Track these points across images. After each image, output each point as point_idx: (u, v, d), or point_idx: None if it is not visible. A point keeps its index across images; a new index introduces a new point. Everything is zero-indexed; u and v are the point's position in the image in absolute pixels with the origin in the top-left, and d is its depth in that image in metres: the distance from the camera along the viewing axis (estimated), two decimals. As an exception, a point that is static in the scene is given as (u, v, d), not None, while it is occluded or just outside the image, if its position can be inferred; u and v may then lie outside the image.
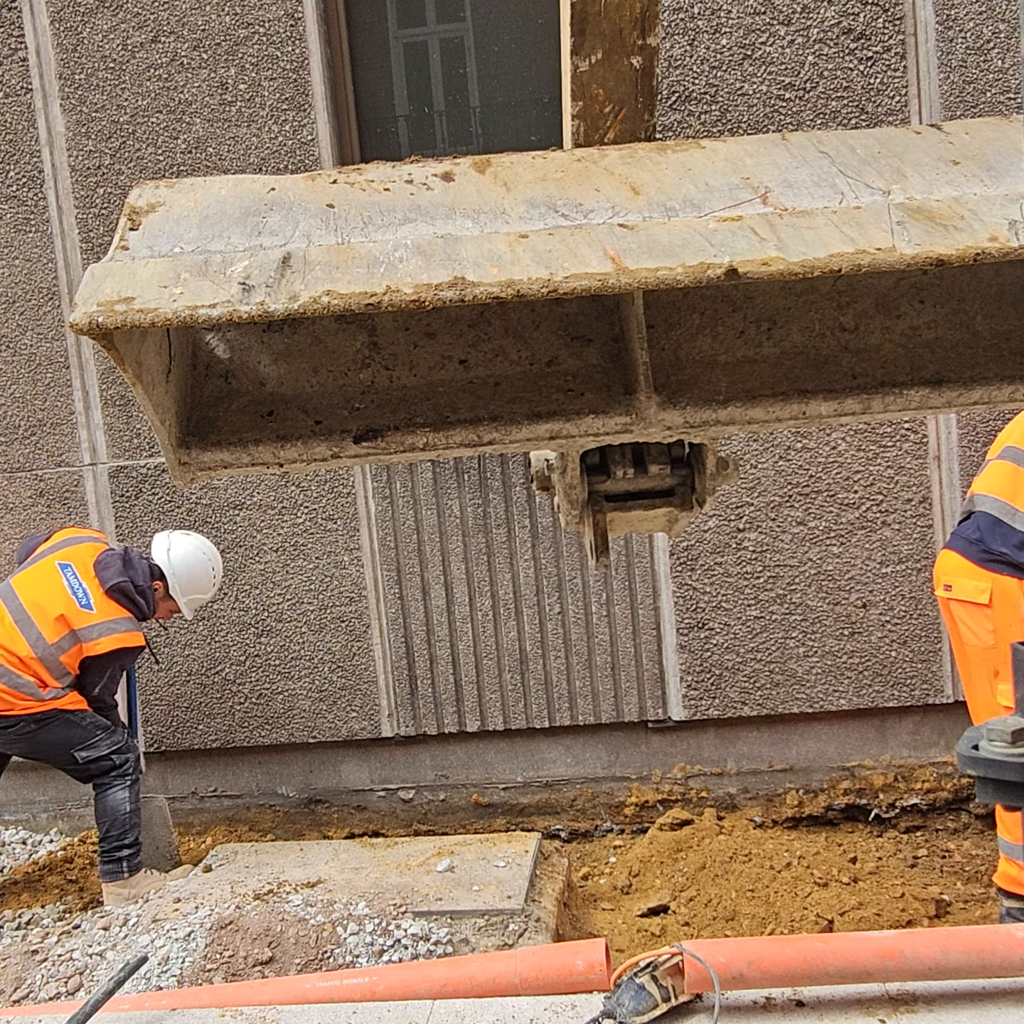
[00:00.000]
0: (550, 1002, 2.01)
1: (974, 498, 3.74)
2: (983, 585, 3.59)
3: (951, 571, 3.73)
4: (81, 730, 4.12)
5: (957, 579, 3.70)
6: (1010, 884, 3.59)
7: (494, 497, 4.66)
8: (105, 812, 4.16)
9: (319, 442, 1.37)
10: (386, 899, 3.57)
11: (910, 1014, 1.87)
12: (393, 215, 1.27)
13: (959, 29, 4.26)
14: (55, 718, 4.09)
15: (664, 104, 4.37)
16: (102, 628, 4.11)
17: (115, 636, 4.12)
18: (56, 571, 4.19)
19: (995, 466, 3.70)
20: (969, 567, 3.64)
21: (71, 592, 4.13)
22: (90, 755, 4.12)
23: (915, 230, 1.17)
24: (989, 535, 3.59)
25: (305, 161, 4.59)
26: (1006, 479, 3.63)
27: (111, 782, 4.16)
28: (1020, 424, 3.68)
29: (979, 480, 3.77)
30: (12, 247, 4.78)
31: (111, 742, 4.16)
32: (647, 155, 1.38)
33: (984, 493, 3.69)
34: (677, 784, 4.71)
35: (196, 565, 4.37)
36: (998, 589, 3.56)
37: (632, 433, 1.40)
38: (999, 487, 3.64)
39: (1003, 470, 3.66)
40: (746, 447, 4.50)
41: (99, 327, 1.10)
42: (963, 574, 3.67)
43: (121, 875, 4.15)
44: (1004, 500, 3.59)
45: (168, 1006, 2.13)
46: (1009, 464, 3.64)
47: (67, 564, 4.20)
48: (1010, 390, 1.39)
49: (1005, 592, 3.54)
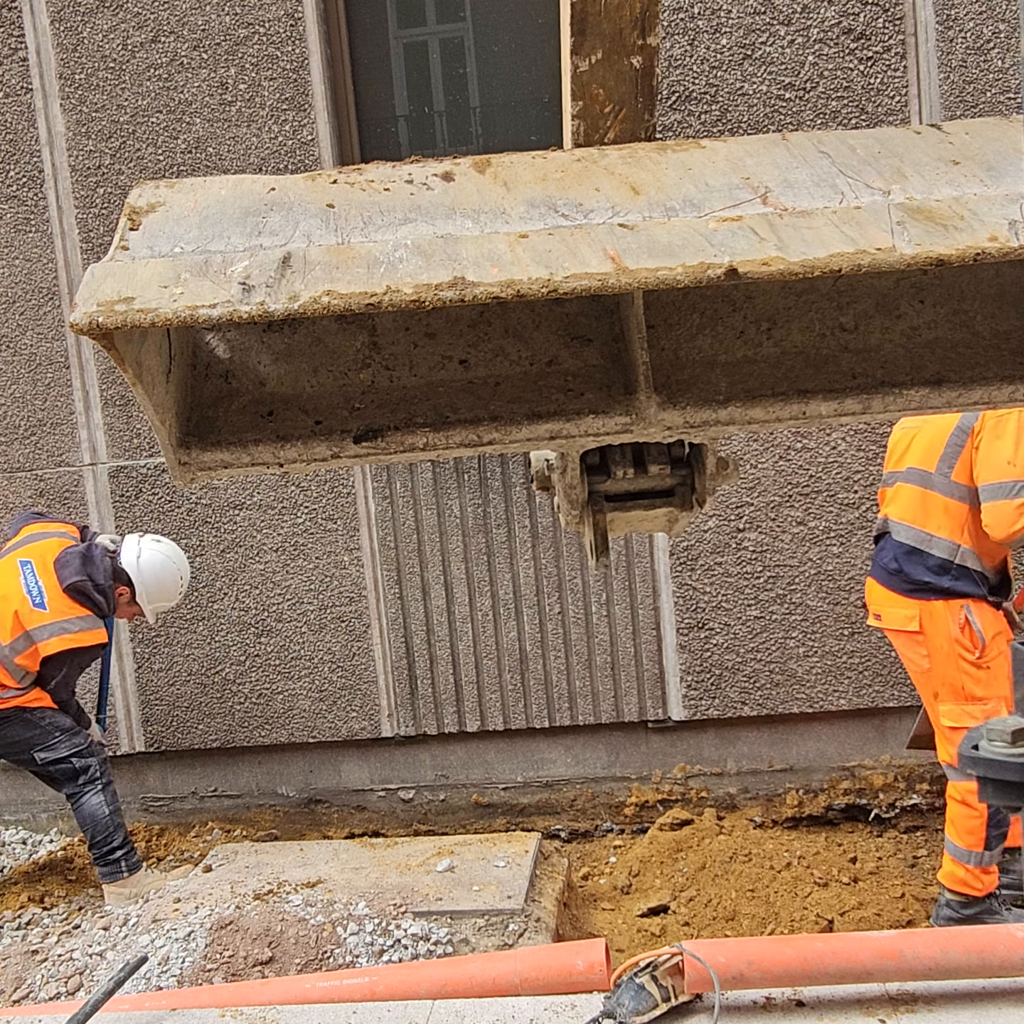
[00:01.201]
0: (550, 1002, 2.01)
1: (888, 523, 3.77)
2: (911, 613, 3.64)
3: (879, 601, 3.78)
4: (40, 731, 4.08)
5: (885, 609, 3.76)
6: (960, 885, 3.64)
7: (494, 497, 4.66)
8: (84, 820, 4.15)
9: (319, 442, 1.37)
10: (386, 899, 3.57)
11: (910, 1014, 1.87)
12: (393, 215, 1.27)
13: (959, 29, 4.26)
14: (14, 716, 4.05)
15: (664, 104, 4.37)
16: (53, 628, 4.03)
17: (66, 636, 4.04)
18: (16, 568, 4.12)
19: (903, 490, 3.71)
20: (894, 597, 3.69)
21: (26, 591, 4.06)
22: (48, 756, 4.09)
23: (915, 230, 1.17)
24: (908, 565, 3.63)
25: (305, 161, 4.59)
26: (916, 504, 3.64)
27: (82, 789, 4.13)
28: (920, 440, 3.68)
29: (891, 504, 3.78)
30: (12, 247, 4.78)
31: (71, 744, 4.12)
32: (647, 155, 1.38)
33: (898, 520, 3.71)
34: (677, 784, 4.71)
35: (165, 574, 4.30)
36: (926, 615, 3.60)
37: (632, 433, 1.39)
38: (911, 514, 3.66)
39: (912, 495, 3.67)
40: (746, 447, 4.51)
41: (99, 327, 1.10)
42: (890, 604, 3.73)
43: (121, 875, 4.16)
44: (917, 528, 3.63)
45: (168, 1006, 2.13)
46: (917, 489, 3.65)
47: (27, 561, 4.13)
48: (1010, 390, 1.39)
49: (932, 616, 3.59)
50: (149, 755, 4.99)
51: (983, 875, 3.60)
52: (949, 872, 3.67)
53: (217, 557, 4.81)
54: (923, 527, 3.62)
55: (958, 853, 3.63)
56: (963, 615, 3.54)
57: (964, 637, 3.54)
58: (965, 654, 3.54)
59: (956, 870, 3.63)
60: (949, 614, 3.56)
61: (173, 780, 5.01)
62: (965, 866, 3.60)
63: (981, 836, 3.57)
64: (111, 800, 4.19)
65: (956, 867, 3.64)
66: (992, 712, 3.54)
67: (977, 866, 3.59)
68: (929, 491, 3.61)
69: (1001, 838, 3.59)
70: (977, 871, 3.59)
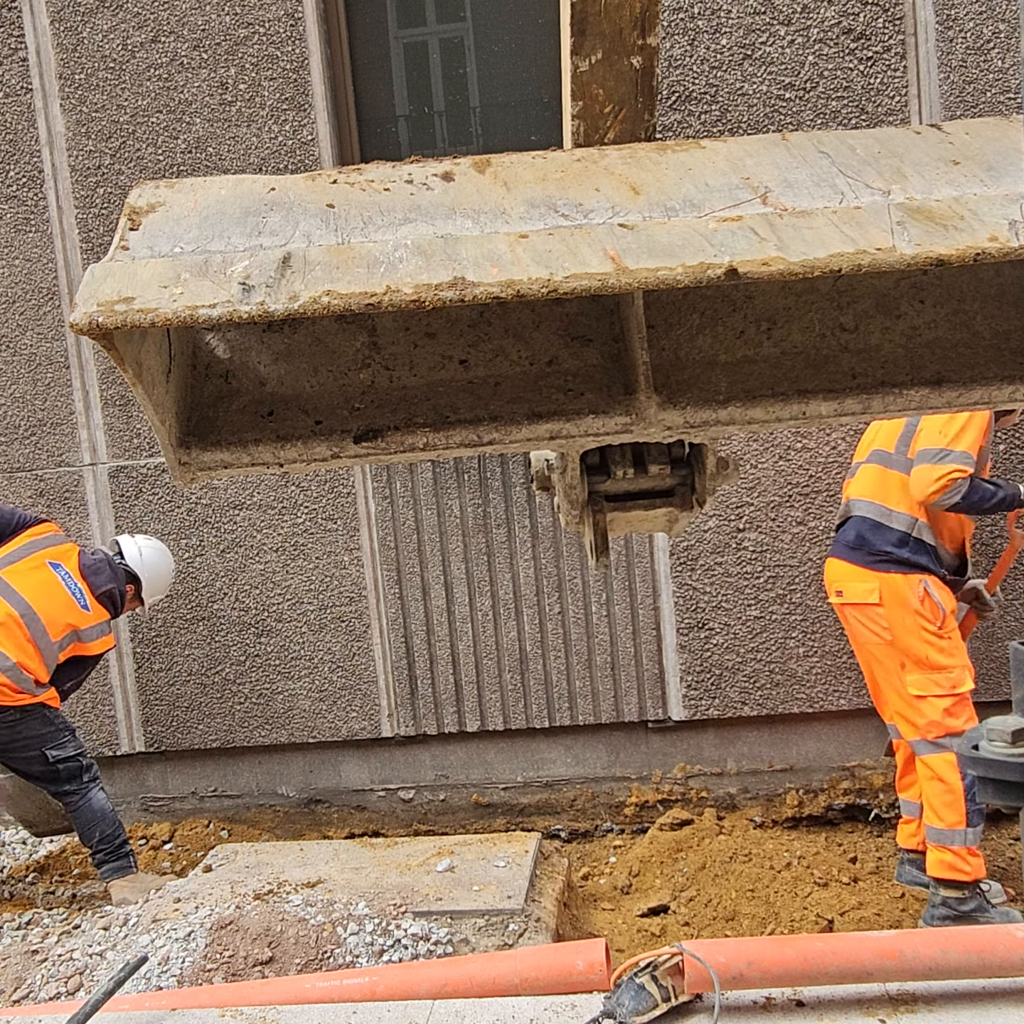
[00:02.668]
0: (550, 1002, 2.01)
1: (850, 503, 3.92)
2: (871, 586, 3.77)
3: (840, 577, 3.90)
4: (54, 729, 4.16)
5: (846, 584, 3.88)
6: (949, 871, 3.67)
7: (494, 497, 4.66)
8: (94, 815, 4.17)
9: (319, 442, 1.37)
10: (386, 899, 3.57)
11: (910, 1014, 1.87)
12: (393, 215, 1.27)
13: (959, 29, 4.26)
14: (36, 713, 4.12)
15: (664, 104, 4.37)
16: (99, 630, 4.26)
17: (106, 639, 4.31)
18: (50, 570, 4.24)
19: (865, 470, 3.88)
20: (856, 571, 3.82)
21: (71, 593, 4.21)
22: (60, 754, 4.16)
23: (915, 230, 1.17)
24: (870, 536, 3.77)
25: (305, 161, 4.59)
26: (876, 482, 3.80)
27: (88, 786, 4.19)
28: (883, 427, 3.83)
29: (852, 485, 3.95)
30: (12, 247, 4.78)
31: (75, 744, 4.22)
32: (647, 155, 1.38)
33: (858, 498, 3.87)
34: (677, 784, 4.71)
35: (163, 567, 4.56)
36: (885, 587, 3.73)
37: (632, 433, 1.39)
38: (871, 491, 3.81)
39: (872, 473, 3.83)
40: (746, 447, 4.51)
41: (99, 327, 1.10)
42: (851, 578, 3.85)
43: (131, 869, 4.19)
44: (878, 503, 3.77)
45: (168, 1006, 2.14)
46: (877, 467, 3.82)
47: (58, 564, 4.27)
48: (1010, 390, 1.39)
49: (892, 588, 3.72)
50: (149, 755, 4.99)
51: (970, 856, 3.64)
52: (936, 861, 3.69)
53: (217, 557, 4.81)
54: (883, 502, 3.76)
55: (941, 836, 3.66)
56: (922, 588, 3.67)
57: (925, 609, 3.67)
58: (927, 625, 3.67)
59: (943, 856, 3.66)
60: (908, 587, 3.69)
61: (173, 780, 5.01)
62: (950, 848, 3.63)
63: (961, 811, 3.63)
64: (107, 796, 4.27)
65: (942, 853, 3.67)
66: (957, 680, 3.66)
67: (962, 846, 3.63)
68: (888, 469, 3.76)
69: (981, 813, 3.64)
70: (963, 851, 3.63)
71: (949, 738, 3.61)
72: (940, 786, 3.64)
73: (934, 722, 3.64)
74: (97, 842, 4.18)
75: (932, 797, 3.69)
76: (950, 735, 3.61)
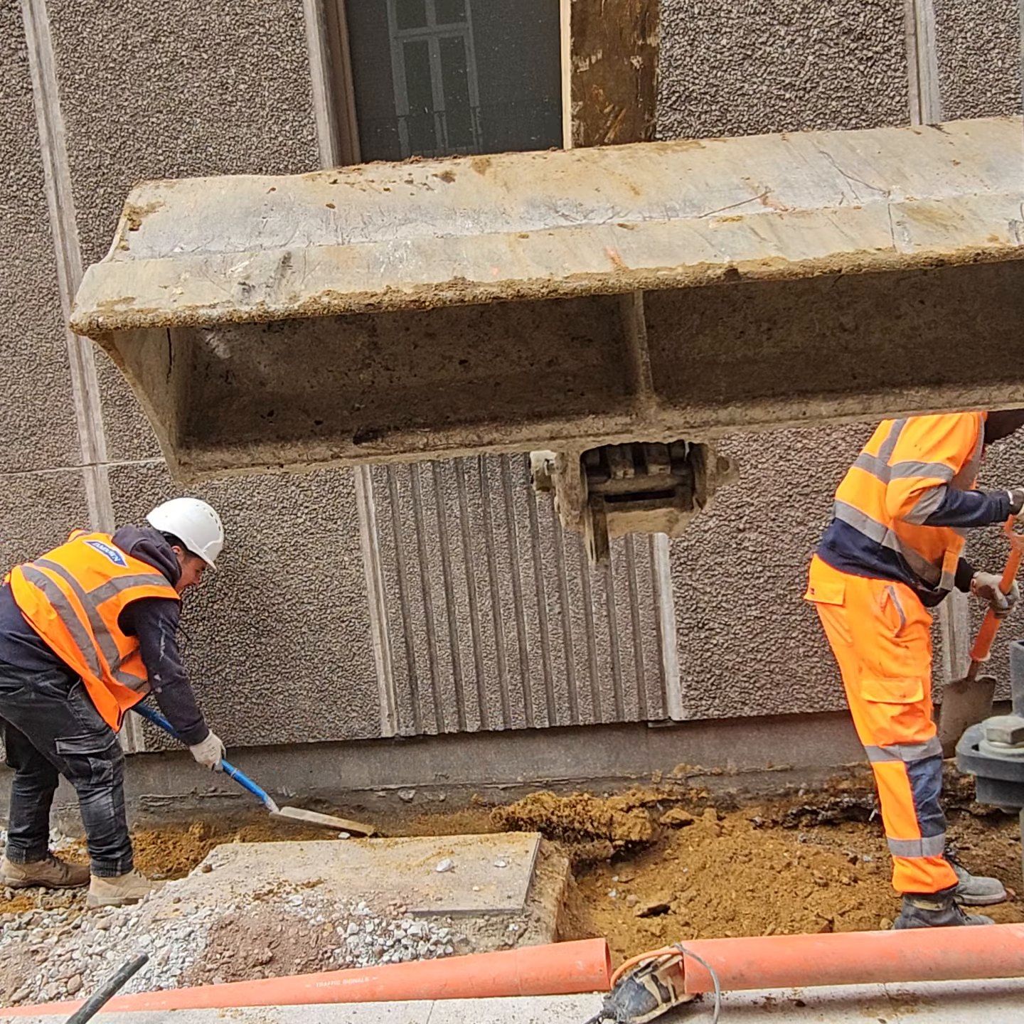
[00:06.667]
0: (550, 1002, 2.01)
1: (836, 504, 3.96)
2: (837, 587, 3.80)
3: (815, 575, 3.96)
4: (71, 723, 4.18)
5: (819, 583, 3.93)
6: (910, 884, 3.63)
7: (494, 497, 4.66)
8: (90, 817, 4.26)
9: (319, 442, 1.37)
10: (386, 899, 3.57)
11: (910, 1014, 1.87)
12: (393, 215, 1.27)
13: (959, 29, 4.26)
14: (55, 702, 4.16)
15: (664, 104, 4.37)
16: (137, 579, 4.33)
17: (149, 586, 4.33)
18: (85, 544, 4.43)
19: (852, 473, 3.91)
20: (827, 571, 3.86)
21: (103, 552, 4.37)
22: (69, 749, 4.20)
23: (915, 230, 1.17)
24: (843, 539, 3.80)
25: (305, 161, 4.59)
26: (859, 486, 3.82)
27: (93, 789, 4.23)
28: (878, 429, 3.84)
29: (841, 486, 3.98)
30: (12, 247, 4.78)
31: (93, 744, 4.22)
32: (647, 155, 1.38)
33: (840, 500, 3.92)
34: (677, 784, 4.71)
35: (196, 514, 4.60)
36: (850, 589, 3.76)
37: (632, 433, 1.39)
38: (852, 495, 3.84)
39: (857, 477, 3.86)
40: (746, 447, 4.51)
41: (99, 327, 1.10)
42: (823, 578, 3.89)
43: (114, 872, 4.28)
44: (856, 507, 3.80)
45: (168, 1006, 2.14)
46: (862, 472, 3.83)
47: (93, 540, 4.46)
48: (1010, 390, 1.39)
49: (856, 592, 3.74)
50: (149, 755, 4.99)
51: (930, 866, 3.57)
52: (898, 874, 3.67)
53: (217, 557, 4.81)
54: (861, 508, 3.77)
55: (899, 848, 3.64)
56: (885, 594, 3.68)
57: (884, 615, 3.68)
58: (884, 631, 3.68)
59: (903, 869, 3.63)
60: (871, 592, 3.71)
61: (173, 780, 5.01)
62: (908, 860, 3.60)
63: (913, 822, 3.57)
64: (118, 803, 4.29)
65: (902, 865, 3.64)
66: (908, 690, 3.64)
67: (919, 856, 3.57)
68: (870, 474, 3.77)
69: (937, 823, 3.57)
70: (921, 862, 3.57)
71: (899, 747, 3.59)
72: (890, 796, 3.63)
73: (883, 729, 3.63)
74: (88, 840, 4.33)
75: (886, 807, 3.68)
76: (899, 744, 3.59)
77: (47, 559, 4.40)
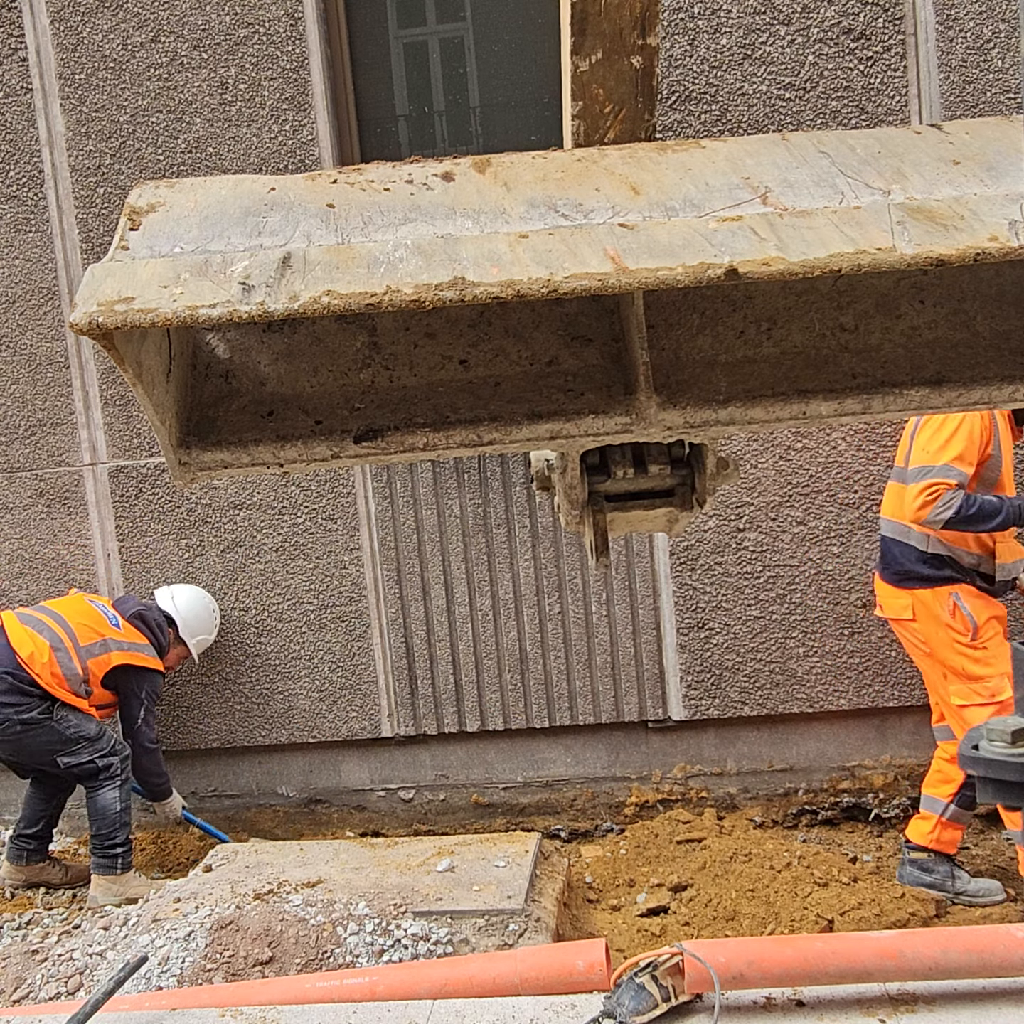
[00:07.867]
0: (550, 1002, 2.01)
1: (880, 521, 4.00)
2: (904, 602, 3.83)
3: (881, 594, 3.99)
4: (66, 739, 4.25)
5: (886, 600, 3.96)
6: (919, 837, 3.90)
7: (494, 497, 4.66)
8: (95, 811, 4.30)
9: (319, 442, 1.37)
10: (386, 899, 3.57)
11: (910, 1014, 1.87)
12: (393, 215, 1.27)
13: (959, 29, 4.26)
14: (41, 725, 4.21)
15: (664, 104, 4.37)
16: (130, 645, 4.42)
17: (139, 655, 4.43)
18: (85, 601, 4.52)
19: (888, 488, 3.96)
20: (890, 589, 3.89)
21: (102, 612, 4.46)
22: (71, 761, 4.27)
23: (915, 230, 1.17)
24: (893, 554, 3.83)
25: (305, 161, 4.59)
26: (895, 499, 3.85)
27: (100, 784, 4.28)
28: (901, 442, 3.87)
29: (883, 503, 4.02)
30: (12, 247, 4.78)
31: (93, 749, 4.28)
32: (647, 155, 1.38)
33: (883, 516, 3.96)
34: (677, 784, 4.71)
35: (199, 605, 4.67)
36: (917, 603, 3.79)
37: (632, 433, 1.39)
38: (892, 508, 3.87)
39: (892, 491, 3.90)
40: (746, 447, 4.50)
41: (99, 327, 1.10)
42: (887, 595, 3.93)
43: (114, 870, 4.29)
44: (897, 521, 3.82)
45: (168, 1006, 2.14)
46: (896, 484, 3.86)
47: (94, 600, 4.56)
48: (1010, 390, 1.39)
49: (923, 604, 3.77)
50: (149, 755, 4.99)
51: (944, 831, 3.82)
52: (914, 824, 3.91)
53: (217, 557, 4.81)
54: (902, 520, 3.77)
55: (927, 802, 3.85)
56: (951, 601, 3.70)
57: (955, 622, 3.69)
58: (959, 637, 3.69)
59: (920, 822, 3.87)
60: (937, 601, 3.72)
61: (173, 780, 5.00)
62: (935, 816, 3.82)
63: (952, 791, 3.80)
64: (124, 797, 4.33)
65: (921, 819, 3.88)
66: (996, 688, 3.68)
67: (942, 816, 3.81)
68: (904, 485, 3.76)
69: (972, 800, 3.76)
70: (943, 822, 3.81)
71: None
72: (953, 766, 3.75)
73: None
74: (92, 836, 4.34)
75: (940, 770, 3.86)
76: None
77: (45, 606, 4.47)
